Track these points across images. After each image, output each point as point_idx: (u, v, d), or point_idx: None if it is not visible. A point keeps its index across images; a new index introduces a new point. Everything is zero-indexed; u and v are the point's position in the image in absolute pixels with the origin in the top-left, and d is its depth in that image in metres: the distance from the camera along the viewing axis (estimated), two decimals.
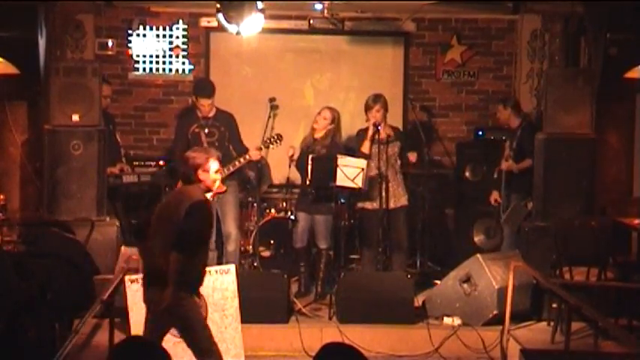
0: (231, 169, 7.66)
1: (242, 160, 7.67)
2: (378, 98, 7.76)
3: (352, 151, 7.92)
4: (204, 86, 7.91)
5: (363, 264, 8.06)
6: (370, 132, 7.69)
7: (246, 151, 7.70)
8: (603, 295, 6.83)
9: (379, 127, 7.65)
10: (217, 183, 5.60)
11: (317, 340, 6.78)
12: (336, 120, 7.88)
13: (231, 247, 7.76)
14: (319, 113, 7.93)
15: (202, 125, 7.76)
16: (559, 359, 6.12)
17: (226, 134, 7.76)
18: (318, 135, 7.89)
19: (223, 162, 7.64)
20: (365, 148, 7.73)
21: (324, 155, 7.69)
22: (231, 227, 7.76)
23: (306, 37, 9.42)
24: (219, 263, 7.40)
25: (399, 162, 7.83)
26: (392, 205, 7.71)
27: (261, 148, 7.69)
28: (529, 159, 7.97)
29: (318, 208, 7.78)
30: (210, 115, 7.76)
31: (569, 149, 7.61)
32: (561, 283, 6.76)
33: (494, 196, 8.33)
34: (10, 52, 7.45)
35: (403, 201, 7.83)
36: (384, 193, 7.62)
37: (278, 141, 7.73)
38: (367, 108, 7.75)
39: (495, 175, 8.41)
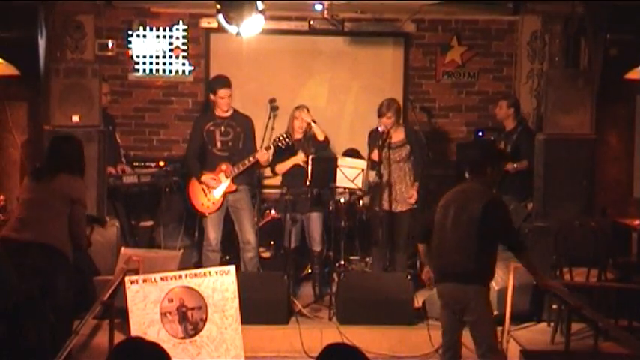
0: (241, 167, 7.65)
1: (251, 159, 7.65)
2: (391, 104, 7.74)
3: (352, 151, 7.96)
4: (220, 79, 7.90)
5: (372, 262, 8.09)
6: (380, 140, 7.67)
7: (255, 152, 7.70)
8: (603, 295, 6.83)
9: (388, 131, 7.65)
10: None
11: (317, 341, 6.79)
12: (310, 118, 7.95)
13: (250, 253, 7.72)
14: (296, 117, 7.91)
15: (218, 124, 7.75)
16: None
17: (241, 135, 7.74)
18: (298, 136, 7.91)
19: (235, 163, 7.67)
20: (375, 155, 7.72)
21: (324, 156, 7.71)
22: (249, 235, 7.73)
23: (306, 38, 9.43)
24: (222, 264, 7.39)
25: (409, 165, 7.83)
26: (399, 208, 7.72)
27: (269, 147, 7.66)
28: (525, 161, 7.96)
29: (308, 209, 7.80)
30: (227, 115, 7.76)
31: (569, 150, 7.61)
32: (561, 283, 6.76)
33: None
34: (10, 52, 7.45)
35: (410, 204, 7.83)
36: (388, 196, 7.65)
37: (288, 140, 7.68)
38: (380, 114, 7.73)
39: None
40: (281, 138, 7.65)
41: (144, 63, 9.43)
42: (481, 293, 5.54)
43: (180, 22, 9.42)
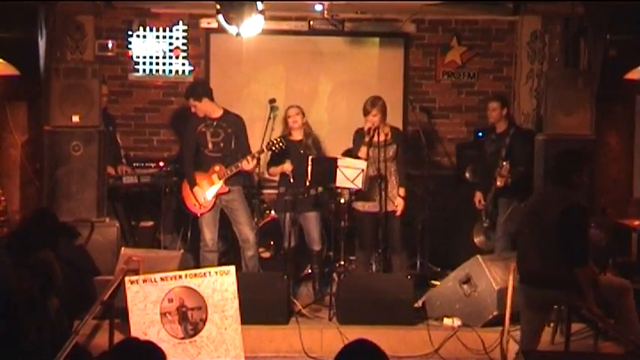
0: (234, 170, 7.66)
1: (233, 168, 7.67)
2: (376, 102, 7.70)
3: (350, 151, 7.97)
4: (189, 88, 7.98)
5: (358, 266, 8.08)
6: (367, 137, 7.68)
7: (246, 155, 7.69)
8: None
9: (375, 129, 7.65)
10: None
11: (317, 342, 6.80)
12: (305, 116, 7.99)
13: (250, 252, 7.75)
14: (289, 116, 7.91)
15: (208, 125, 7.76)
16: None
17: (232, 136, 7.75)
18: (298, 137, 7.90)
19: (228, 163, 7.68)
20: (362, 153, 7.72)
21: (324, 156, 7.73)
22: (248, 233, 7.75)
23: (306, 39, 9.43)
24: (221, 264, 7.39)
25: (395, 164, 7.82)
26: (388, 207, 7.73)
27: (262, 151, 7.66)
28: (520, 168, 7.91)
29: (306, 209, 7.79)
30: (217, 115, 7.76)
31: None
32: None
33: (478, 197, 8.24)
34: (10, 53, 7.45)
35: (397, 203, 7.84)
36: (379, 195, 7.64)
37: (282, 143, 7.69)
38: (365, 112, 7.72)
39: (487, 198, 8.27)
40: (275, 142, 7.65)
41: (144, 63, 9.43)
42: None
43: (180, 22, 9.41)
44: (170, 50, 9.43)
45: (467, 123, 9.57)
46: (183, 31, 9.42)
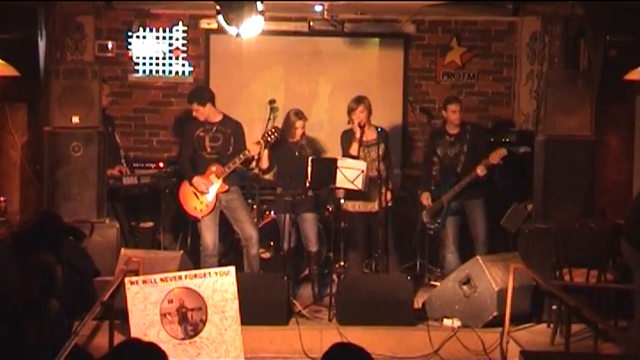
0: (232, 166, 7.65)
1: (241, 156, 7.64)
2: (361, 100, 7.79)
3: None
4: (193, 93, 7.94)
5: (349, 266, 8.07)
6: (357, 134, 7.70)
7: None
8: (603, 296, 6.84)
9: (363, 126, 7.68)
10: None
11: (317, 342, 6.79)
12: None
13: (254, 249, 7.74)
14: (297, 127, 7.83)
15: (207, 129, 7.74)
16: None
17: (231, 139, 7.73)
18: (295, 139, 7.90)
19: (225, 164, 7.68)
20: (353, 150, 7.74)
21: (324, 157, 7.74)
22: (251, 230, 7.74)
23: (306, 39, 9.43)
24: (221, 265, 7.38)
25: (382, 164, 7.82)
26: (374, 208, 7.75)
27: (259, 142, 7.65)
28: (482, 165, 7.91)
29: (303, 210, 7.80)
30: (216, 120, 7.76)
31: (568, 151, 7.61)
32: (561, 284, 6.77)
33: (426, 196, 8.07)
34: (10, 53, 7.45)
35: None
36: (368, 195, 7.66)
37: (276, 134, 7.67)
38: (350, 110, 7.77)
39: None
40: (270, 132, 7.62)
41: (144, 64, 9.44)
42: None
43: (180, 23, 9.42)
44: (170, 51, 9.44)
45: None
46: (183, 31, 9.43)
